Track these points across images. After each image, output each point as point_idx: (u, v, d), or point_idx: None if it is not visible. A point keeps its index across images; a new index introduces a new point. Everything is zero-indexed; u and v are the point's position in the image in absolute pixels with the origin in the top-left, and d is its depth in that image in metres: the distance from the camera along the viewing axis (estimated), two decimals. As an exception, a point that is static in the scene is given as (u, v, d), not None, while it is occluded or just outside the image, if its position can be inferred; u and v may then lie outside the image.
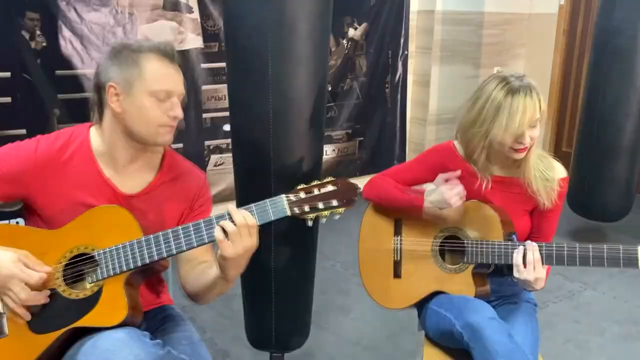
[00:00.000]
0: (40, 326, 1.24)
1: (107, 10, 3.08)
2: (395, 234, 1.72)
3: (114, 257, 1.26)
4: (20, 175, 1.32)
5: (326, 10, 1.73)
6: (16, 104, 2.90)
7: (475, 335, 1.45)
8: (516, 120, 1.49)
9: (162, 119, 1.31)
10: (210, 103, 3.52)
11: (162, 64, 1.31)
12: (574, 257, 1.48)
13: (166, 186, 1.42)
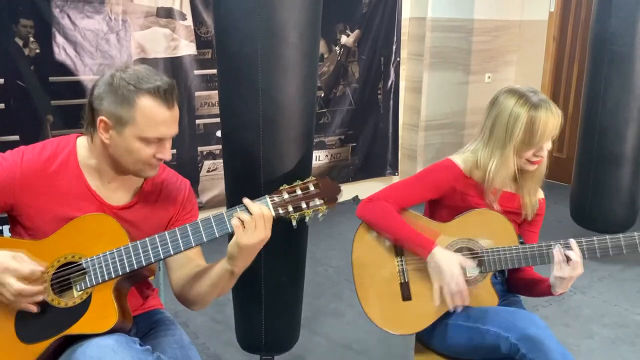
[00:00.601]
0: (30, 336, 1.25)
1: (101, 17, 3.10)
2: (397, 255, 1.63)
3: (101, 265, 1.27)
4: (6, 188, 1.31)
5: (315, 18, 1.76)
6: (10, 110, 2.92)
7: (537, 347, 1.40)
8: (540, 134, 1.52)
9: (149, 159, 1.31)
10: (203, 109, 3.54)
11: (160, 110, 1.28)
12: (607, 247, 1.53)
13: (152, 196, 1.43)
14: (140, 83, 1.27)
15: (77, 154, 1.36)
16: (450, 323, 1.57)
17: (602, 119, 3.15)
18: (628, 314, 2.74)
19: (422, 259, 1.58)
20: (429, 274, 1.56)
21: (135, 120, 1.26)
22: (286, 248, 1.93)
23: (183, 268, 1.41)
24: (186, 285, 1.40)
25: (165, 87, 1.28)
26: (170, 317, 1.52)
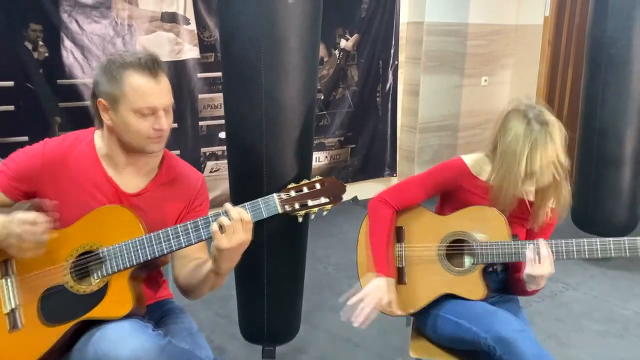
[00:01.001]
0: (52, 319, 1.34)
1: (107, 22, 3.20)
2: (398, 241, 1.76)
3: (118, 255, 1.36)
4: (30, 174, 1.41)
5: (315, 25, 1.86)
6: (19, 112, 3.02)
7: (511, 349, 1.48)
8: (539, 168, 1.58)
9: (148, 132, 1.39)
10: (206, 111, 3.63)
11: (144, 80, 1.36)
12: (582, 250, 1.59)
13: (165, 187, 1.52)
14: (124, 59, 1.37)
15: (95, 145, 1.46)
16: (441, 315, 1.67)
17: (601, 122, 3.18)
18: (618, 309, 2.83)
19: (422, 246, 1.71)
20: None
21: (125, 94, 1.36)
22: (287, 245, 2.03)
23: (184, 259, 1.49)
24: (183, 276, 1.49)
25: (147, 58, 1.37)
26: (180, 307, 1.61)
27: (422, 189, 1.75)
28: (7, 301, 1.35)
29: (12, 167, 1.43)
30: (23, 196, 1.45)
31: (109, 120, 1.40)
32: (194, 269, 1.46)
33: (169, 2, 3.36)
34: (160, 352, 1.25)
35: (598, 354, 2.43)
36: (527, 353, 1.47)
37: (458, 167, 1.73)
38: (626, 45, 3.02)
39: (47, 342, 1.32)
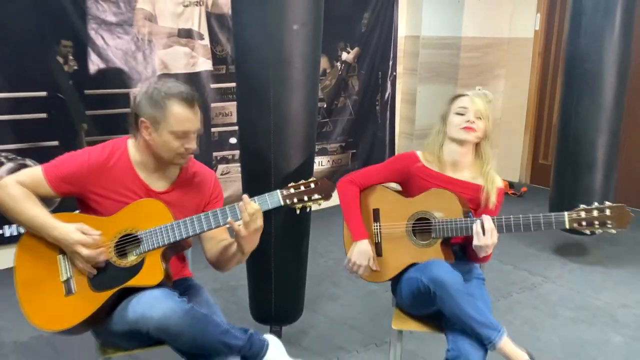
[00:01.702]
0: (99, 286, 1.67)
1: (129, 38, 3.53)
2: (375, 221, 2.12)
3: (152, 236, 1.68)
4: (77, 178, 1.73)
5: (316, 47, 2.18)
6: (51, 119, 3.33)
7: (438, 283, 1.82)
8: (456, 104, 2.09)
9: (179, 150, 1.72)
10: (218, 119, 3.96)
11: (183, 109, 1.67)
12: (519, 225, 1.89)
13: (186, 185, 1.85)
14: (169, 91, 1.69)
15: (129, 152, 1.78)
16: (404, 278, 2.00)
17: (575, 129, 3.46)
18: (590, 300, 3.11)
19: (393, 224, 2.06)
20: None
21: (167, 119, 1.68)
22: (292, 237, 2.35)
23: (212, 240, 1.83)
24: (214, 255, 1.83)
25: (187, 93, 1.70)
26: (199, 284, 1.93)
27: (382, 173, 2.15)
28: (64, 272, 1.67)
29: (62, 170, 1.73)
30: (68, 194, 1.76)
31: (148, 137, 1.71)
32: (223, 249, 1.80)
33: (185, 20, 3.69)
34: (185, 314, 1.57)
35: (567, 337, 2.72)
36: (451, 283, 1.81)
37: (410, 157, 2.13)
38: (598, 60, 3.30)
39: (95, 304, 1.64)
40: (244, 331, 1.70)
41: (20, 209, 1.67)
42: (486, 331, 1.82)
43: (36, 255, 1.69)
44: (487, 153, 2.11)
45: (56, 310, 1.66)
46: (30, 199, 1.68)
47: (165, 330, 1.55)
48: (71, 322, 1.64)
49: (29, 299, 1.68)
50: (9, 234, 3.32)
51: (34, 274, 1.69)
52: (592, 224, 1.83)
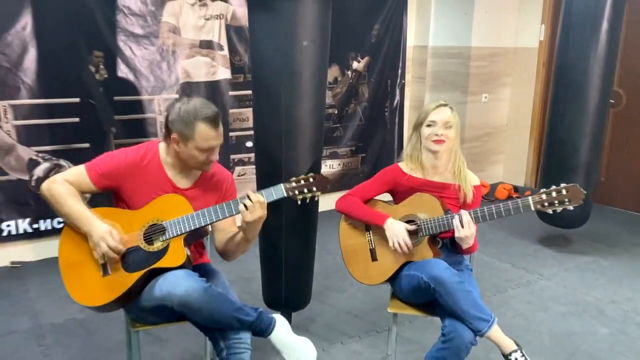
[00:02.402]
0: (131, 268, 1.93)
1: (155, 49, 3.82)
2: (366, 230, 2.33)
3: (175, 225, 1.95)
4: (115, 174, 2.00)
5: (323, 61, 2.44)
6: (83, 123, 3.64)
7: (437, 280, 2.05)
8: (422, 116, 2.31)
9: (205, 160, 2.00)
10: (236, 124, 4.23)
11: (209, 130, 1.93)
12: (492, 213, 2.11)
13: (206, 183, 2.12)
14: (197, 113, 1.94)
15: (159, 154, 2.06)
16: (402, 275, 2.22)
17: (560, 134, 3.72)
18: (582, 296, 3.31)
19: (382, 231, 2.26)
20: (386, 235, 2.23)
21: (195, 137, 1.94)
22: (300, 231, 2.59)
23: (222, 232, 2.10)
24: (222, 244, 2.09)
25: (213, 115, 1.96)
26: (216, 269, 2.18)
27: (373, 187, 2.37)
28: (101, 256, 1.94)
29: (102, 168, 2.00)
30: (107, 188, 2.03)
31: (178, 149, 1.98)
32: (230, 239, 2.06)
33: (206, 32, 3.98)
34: (204, 291, 1.82)
35: (556, 328, 2.92)
36: (449, 281, 2.04)
37: (395, 169, 2.36)
38: (583, 71, 3.55)
39: (127, 283, 1.91)
40: (254, 309, 1.95)
41: (63, 203, 1.94)
42: (477, 323, 2.04)
43: (77, 242, 1.97)
44: (458, 157, 2.32)
45: (95, 289, 1.92)
46: (73, 196, 1.95)
47: (186, 305, 1.80)
48: (108, 298, 1.91)
49: (71, 279, 1.95)
50: (44, 228, 3.63)
51: (75, 258, 1.96)
52: (553, 203, 2.04)
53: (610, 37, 3.50)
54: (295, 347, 1.98)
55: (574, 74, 3.62)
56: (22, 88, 3.42)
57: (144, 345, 2.41)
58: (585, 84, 3.56)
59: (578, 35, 3.51)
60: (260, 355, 2.50)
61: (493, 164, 5.76)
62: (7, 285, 3.30)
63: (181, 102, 1.99)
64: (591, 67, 3.50)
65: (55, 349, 2.63)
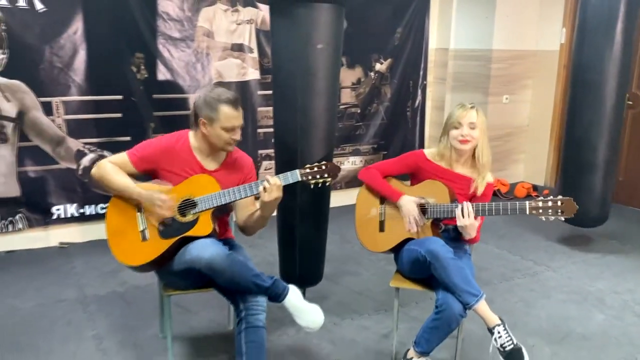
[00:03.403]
0: (166, 235, 2.26)
1: (190, 51, 4.17)
2: (381, 203, 2.61)
3: (204, 201, 2.26)
4: (152, 157, 2.34)
5: (336, 62, 2.71)
6: (125, 118, 4.01)
7: (433, 255, 2.29)
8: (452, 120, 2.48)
9: (228, 140, 2.30)
10: (264, 121, 4.54)
11: (231, 110, 2.24)
12: (492, 209, 2.33)
13: (230, 165, 2.43)
14: (219, 97, 2.27)
15: (190, 141, 2.38)
16: (404, 249, 2.48)
17: (578, 134, 3.83)
18: (584, 286, 3.47)
19: (394, 207, 2.52)
20: (400, 211, 2.48)
21: (219, 118, 2.26)
22: (314, 214, 2.87)
23: (244, 209, 2.41)
24: (243, 220, 2.41)
25: (233, 98, 2.28)
26: (239, 244, 2.48)
27: (395, 166, 2.62)
28: (140, 224, 2.28)
29: (141, 152, 2.34)
30: (146, 170, 2.36)
31: (205, 131, 2.30)
32: (250, 216, 2.37)
33: (238, 35, 4.30)
34: (226, 257, 2.13)
35: (555, 313, 3.11)
36: (444, 257, 2.27)
37: (417, 154, 2.61)
38: (599, 71, 3.67)
39: (163, 248, 2.24)
40: (270, 277, 2.25)
41: (112, 178, 2.29)
42: (466, 296, 2.28)
43: (121, 212, 2.31)
44: (483, 156, 2.51)
45: (135, 251, 2.26)
46: (120, 173, 2.30)
47: (212, 268, 2.11)
48: (146, 259, 2.24)
49: (116, 243, 2.30)
50: (89, 213, 4.02)
51: (119, 226, 2.30)
52: (547, 212, 2.28)
53: (625, 38, 3.61)
54: (305, 311, 2.27)
55: (590, 74, 3.72)
56: (72, 86, 3.82)
57: (174, 315, 2.73)
58: (601, 84, 3.66)
59: (593, 36, 3.64)
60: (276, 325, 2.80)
61: (514, 163, 5.91)
62: (56, 262, 3.70)
63: (205, 91, 2.33)
64: (607, 67, 3.61)
65: (98, 315, 2.98)
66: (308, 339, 2.76)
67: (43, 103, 3.75)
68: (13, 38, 3.56)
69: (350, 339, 2.79)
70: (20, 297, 3.18)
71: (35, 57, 3.66)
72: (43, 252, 3.85)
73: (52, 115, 3.80)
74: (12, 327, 2.85)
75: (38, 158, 3.81)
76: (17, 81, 3.64)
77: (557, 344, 2.78)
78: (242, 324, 2.18)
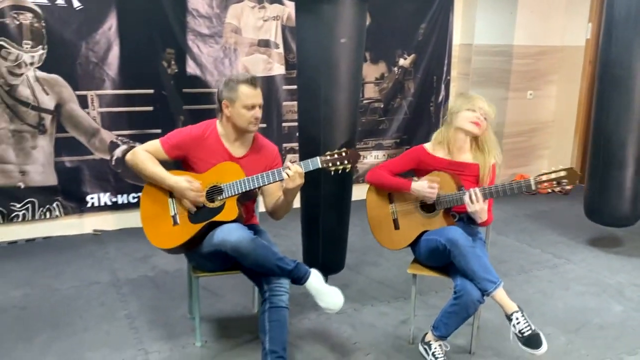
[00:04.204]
0: (195, 220, 2.39)
1: (219, 47, 4.31)
2: (390, 202, 2.69)
3: (230, 187, 2.39)
4: (183, 145, 2.47)
5: (359, 56, 2.81)
6: (156, 111, 4.17)
7: (452, 243, 2.37)
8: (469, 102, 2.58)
9: (250, 119, 2.42)
10: (288, 115, 4.66)
11: (249, 89, 2.38)
12: (498, 191, 2.40)
13: (256, 152, 2.55)
14: (238, 78, 2.41)
15: (217, 129, 2.51)
16: (422, 239, 2.56)
17: (606, 130, 3.79)
18: (604, 279, 3.50)
19: (405, 204, 2.61)
20: (416, 195, 2.57)
21: (239, 97, 2.39)
22: (336, 205, 2.98)
23: (270, 196, 2.52)
24: (270, 205, 2.52)
25: (251, 78, 2.42)
26: (263, 229, 2.60)
27: (399, 163, 2.72)
28: (172, 209, 2.41)
29: (173, 140, 2.48)
30: (177, 157, 2.50)
31: (228, 112, 2.43)
32: (276, 201, 2.49)
33: (264, 32, 4.43)
34: (251, 240, 2.25)
35: (572, 304, 3.16)
36: (463, 244, 2.35)
37: (418, 150, 2.70)
38: (627, 67, 3.64)
39: (192, 232, 2.37)
40: (293, 261, 2.36)
41: (146, 166, 2.43)
42: (484, 284, 2.36)
43: (154, 199, 2.45)
44: (491, 141, 2.62)
45: (167, 235, 2.40)
46: (152, 160, 2.44)
47: (237, 251, 2.23)
48: (176, 243, 2.38)
49: (149, 228, 2.44)
50: (121, 202, 4.20)
51: (152, 211, 2.45)
52: (552, 184, 2.34)
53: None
54: (326, 293, 2.38)
55: (617, 69, 3.69)
56: (106, 80, 3.99)
57: (202, 298, 2.86)
58: (629, 79, 3.64)
59: (621, 31, 3.61)
60: (298, 309, 2.92)
61: (538, 159, 5.91)
62: (90, 248, 3.89)
63: (225, 77, 2.48)
64: (635, 62, 3.59)
65: (130, 297, 3.14)
66: (328, 322, 2.87)
67: (79, 96, 3.93)
68: (52, 34, 3.75)
69: (370, 324, 2.89)
70: (58, 279, 3.36)
71: (72, 53, 3.85)
72: (78, 239, 4.04)
73: (87, 108, 3.98)
74: (52, 305, 3.02)
75: (74, 149, 4.00)
76: (55, 75, 3.84)
77: (573, 333, 2.83)
78: (266, 304, 2.30)
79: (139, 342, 2.67)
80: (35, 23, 3.70)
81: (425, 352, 2.53)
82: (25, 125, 3.82)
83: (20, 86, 3.75)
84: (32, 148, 3.87)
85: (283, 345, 2.25)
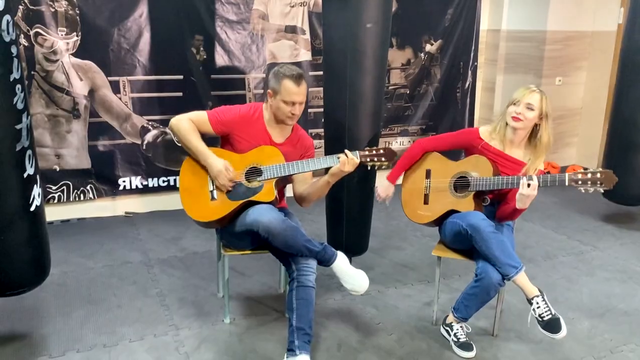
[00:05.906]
0: (233, 197, 2.47)
1: (246, 33, 4.37)
2: (426, 178, 2.72)
3: (270, 170, 2.47)
4: (230, 123, 2.54)
5: (385, 41, 2.83)
6: (185, 97, 4.26)
7: (474, 228, 2.40)
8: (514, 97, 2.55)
9: (287, 114, 2.49)
10: (314, 101, 4.71)
11: (292, 85, 2.43)
12: (546, 181, 2.38)
13: (294, 142, 2.62)
14: (285, 72, 2.46)
15: (263, 112, 2.58)
16: (447, 221, 2.59)
17: (625, 114, 3.83)
18: (631, 266, 3.48)
19: (439, 181, 2.64)
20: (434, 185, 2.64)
21: (281, 91, 2.45)
22: (360, 190, 3.03)
23: (302, 182, 2.58)
24: (301, 192, 2.58)
25: (297, 74, 2.46)
26: (292, 212, 2.67)
27: (446, 141, 2.72)
28: (210, 185, 2.50)
29: (221, 116, 2.54)
30: (221, 133, 2.56)
31: (271, 102, 2.50)
32: (310, 186, 2.55)
33: (291, 18, 4.47)
34: (282, 222, 2.32)
35: (597, 289, 3.15)
36: (484, 230, 2.37)
37: (472, 132, 2.68)
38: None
39: (228, 209, 2.45)
40: (320, 243, 2.42)
41: (189, 138, 2.50)
42: (506, 268, 2.38)
43: (194, 172, 2.54)
44: (543, 144, 2.56)
45: (204, 209, 2.49)
46: (195, 133, 2.51)
47: (268, 231, 2.30)
48: (212, 217, 2.47)
49: (187, 200, 2.53)
50: (151, 185, 4.32)
51: (191, 183, 2.54)
52: (586, 183, 2.31)
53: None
54: (352, 275, 2.44)
55: (638, 56, 3.72)
56: (138, 66, 4.09)
57: (231, 278, 2.94)
58: None
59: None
60: (323, 290, 2.98)
61: (566, 147, 5.84)
62: (122, 229, 4.02)
63: (276, 67, 2.52)
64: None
65: (161, 276, 3.25)
66: (353, 303, 2.93)
67: (111, 82, 4.04)
68: (85, 21, 3.86)
69: (393, 305, 2.94)
70: (92, 258, 3.49)
71: (105, 39, 3.95)
72: (110, 220, 4.18)
73: (120, 94, 4.09)
74: (87, 283, 3.15)
75: (106, 133, 4.12)
76: (89, 61, 3.95)
77: (597, 318, 2.84)
78: (293, 283, 2.37)
79: (170, 318, 2.77)
80: (70, 10, 3.81)
81: (447, 333, 2.58)
82: (61, 110, 3.95)
83: (55, 72, 3.87)
84: (67, 132, 4.00)
85: (309, 323, 2.32)
